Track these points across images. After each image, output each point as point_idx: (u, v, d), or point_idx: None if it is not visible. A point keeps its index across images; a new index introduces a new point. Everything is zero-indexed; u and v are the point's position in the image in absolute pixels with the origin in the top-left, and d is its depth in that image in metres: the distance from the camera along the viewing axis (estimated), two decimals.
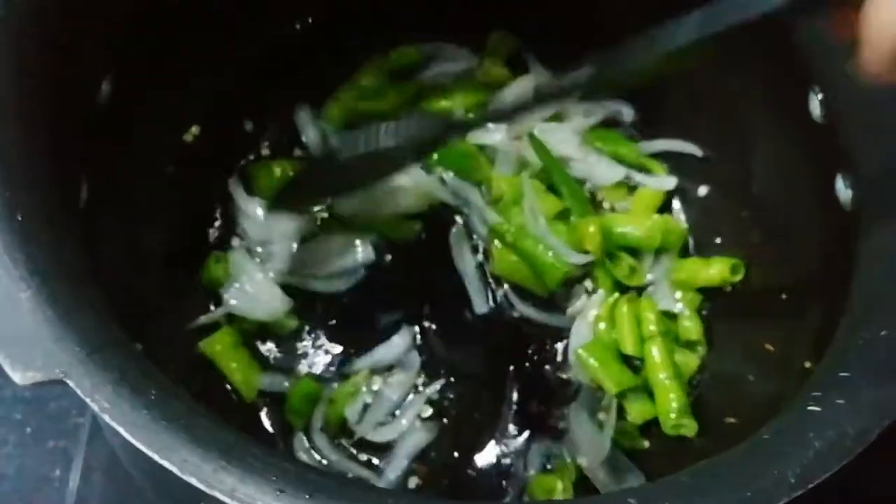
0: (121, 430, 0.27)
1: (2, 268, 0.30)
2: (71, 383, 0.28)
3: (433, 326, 0.61)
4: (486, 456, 0.57)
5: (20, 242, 0.30)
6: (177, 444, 0.27)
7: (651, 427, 0.58)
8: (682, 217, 0.66)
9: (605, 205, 0.67)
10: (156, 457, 0.27)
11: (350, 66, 0.68)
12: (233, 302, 0.59)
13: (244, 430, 0.55)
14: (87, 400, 0.28)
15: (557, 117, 0.68)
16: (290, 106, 0.67)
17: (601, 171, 0.66)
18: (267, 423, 0.58)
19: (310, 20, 0.64)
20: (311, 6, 0.63)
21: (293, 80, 0.66)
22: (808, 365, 0.49)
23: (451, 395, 0.60)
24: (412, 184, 0.65)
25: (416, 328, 0.61)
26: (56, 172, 0.38)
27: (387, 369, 0.60)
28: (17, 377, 0.28)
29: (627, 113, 0.69)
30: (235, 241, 0.63)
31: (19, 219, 0.31)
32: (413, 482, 0.56)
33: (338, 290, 0.61)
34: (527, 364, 0.61)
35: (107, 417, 0.27)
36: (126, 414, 0.27)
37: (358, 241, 0.62)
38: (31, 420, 0.66)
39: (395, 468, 0.56)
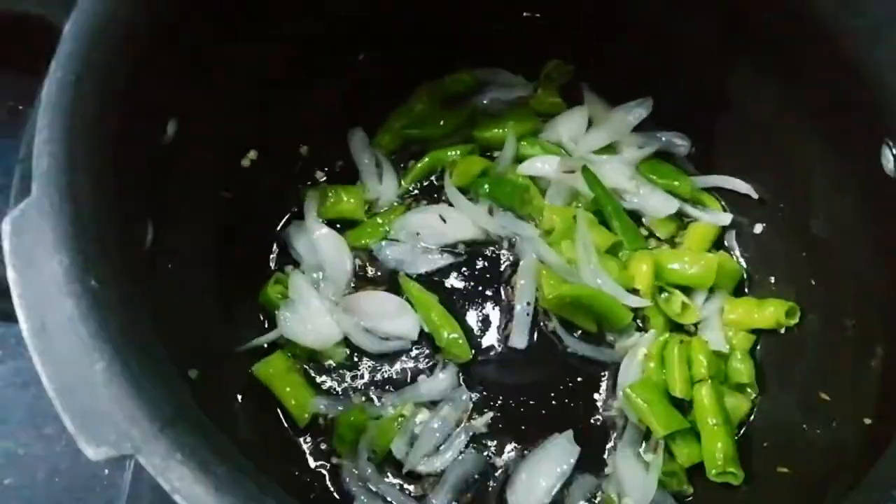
0: None
1: (77, 339, 0.30)
2: (142, 460, 0.29)
3: (479, 359, 0.61)
4: (530, 488, 0.57)
5: (94, 311, 0.31)
6: None
7: (698, 469, 0.58)
8: (737, 254, 0.65)
9: (656, 238, 0.66)
10: None
11: (405, 90, 0.68)
12: (287, 325, 0.60)
13: (292, 456, 0.58)
14: (158, 478, 0.28)
15: (611, 148, 0.67)
16: (345, 131, 0.68)
17: (654, 203, 0.65)
18: (314, 450, 0.59)
19: (378, 51, 0.64)
20: (370, 39, 0.63)
21: (349, 104, 0.66)
22: (868, 422, 0.48)
23: (498, 427, 0.60)
24: (460, 215, 0.65)
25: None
26: (124, 220, 0.39)
27: (433, 403, 0.60)
28: (90, 452, 0.29)
29: (682, 145, 0.67)
30: (289, 267, 0.64)
31: (94, 284, 0.32)
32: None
33: (381, 351, 0.62)
34: (573, 398, 0.61)
35: (177, 497, 0.28)
36: (196, 494, 0.28)
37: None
38: None
39: (441, 499, 0.57)
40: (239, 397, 0.58)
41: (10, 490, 0.66)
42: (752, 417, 0.59)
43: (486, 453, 0.59)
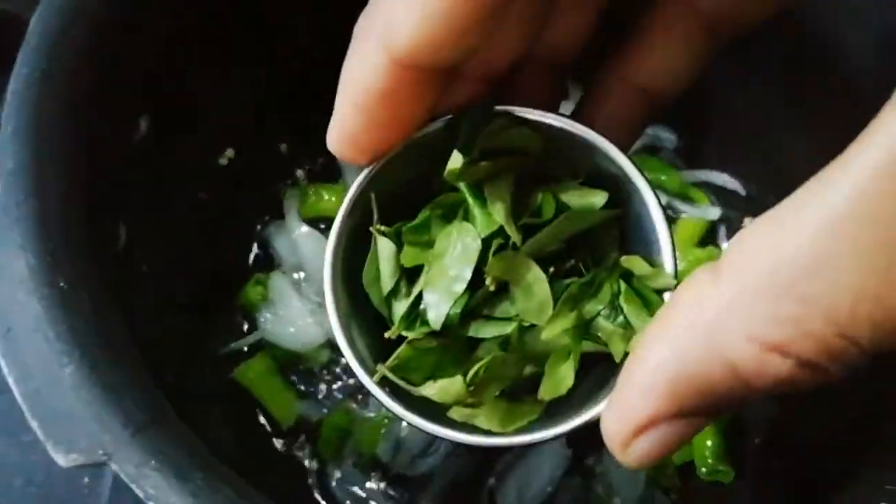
0: None
1: (45, 342, 0.29)
2: (115, 467, 0.27)
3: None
4: (522, 491, 0.57)
5: (63, 313, 0.30)
6: None
7: (689, 465, 0.57)
8: (726, 248, 0.64)
9: None
10: None
11: None
12: (268, 327, 0.58)
13: (276, 461, 0.57)
14: (133, 486, 0.27)
15: None
16: (325, 129, 0.66)
17: None
18: (298, 454, 0.58)
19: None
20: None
21: (329, 102, 0.65)
22: (857, 416, 0.48)
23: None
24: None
25: None
26: (95, 221, 0.37)
27: None
28: (60, 459, 0.27)
29: (669, 139, 0.67)
30: (270, 267, 0.63)
31: (62, 286, 0.31)
32: None
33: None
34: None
35: None
36: (172, 502, 0.27)
37: None
38: None
39: (429, 501, 0.56)
40: (218, 402, 0.56)
41: None
42: (741, 414, 0.59)
43: (473, 455, 0.58)
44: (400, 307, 0.30)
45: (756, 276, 0.22)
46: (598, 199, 0.31)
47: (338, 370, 0.60)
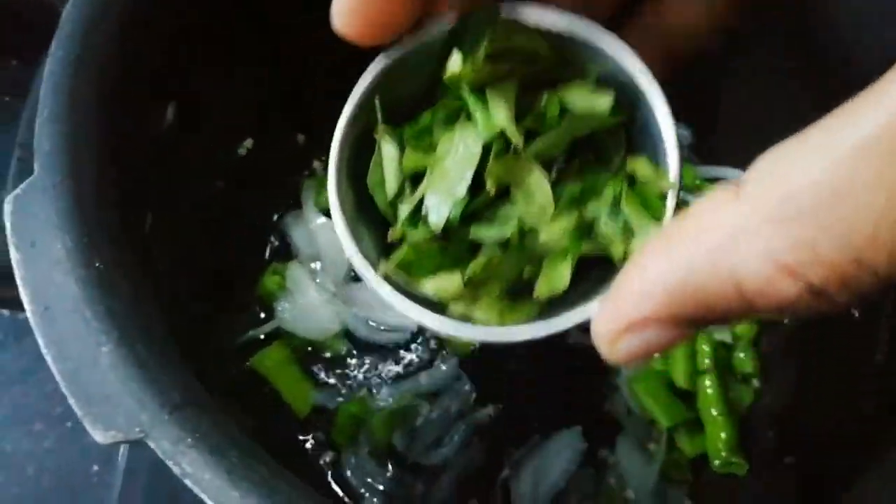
0: (202, 495, 0.27)
1: (83, 321, 0.30)
2: (151, 444, 0.28)
3: (481, 351, 0.61)
4: (537, 481, 0.57)
5: (99, 293, 0.30)
6: None
7: (702, 460, 0.57)
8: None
9: None
10: None
11: None
12: (285, 316, 0.59)
13: (291, 449, 0.57)
14: (169, 462, 0.27)
15: None
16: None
17: None
18: (314, 442, 0.58)
19: None
20: None
21: (346, 93, 0.65)
22: (871, 412, 0.48)
23: (500, 419, 0.59)
24: None
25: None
26: (125, 204, 0.38)
27: (433, 395, 0.59)
28: (99, 436, 0.28)
29: (683, 135, 0.67)
30: (287, 256, 0.63)
31: (98, 266, 0.31)
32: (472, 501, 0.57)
33: (381, 342, 0.60)
34: (575, 389, 0.60)
35: (188, 482, 0.27)
36: (207, 479, 0.27)
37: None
38: (71, 416, 0.67)
39: (443, 490, 0.56)
40: (234, 390, 0.57)
41: None
42: (755, 408, 0.59)
43: (489, 445, 0.58)
44: (404, 210, 0.30)
45: (778, 197, 0.22)
46: (604, 101, 0.30)
47: (353, 359, 0.60)
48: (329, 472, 0.57)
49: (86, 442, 0.67)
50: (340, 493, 0.56)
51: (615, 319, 0.25)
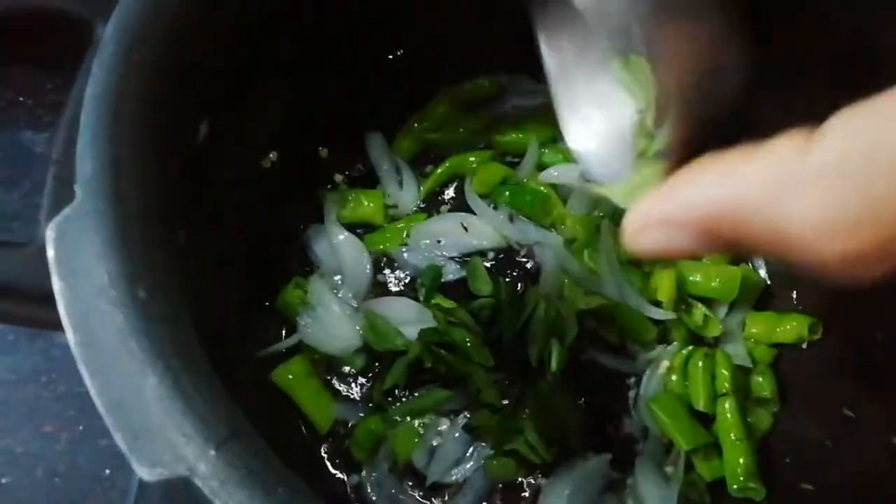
0: None
1: (127, 353, 0.29)
2: (198, 482, 0.28)
3: (500, 369, 0.61)
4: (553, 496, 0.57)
5: (143, 324, 0.30)
6: None
7: (719, 482, 0.57)
8: (758, 266, 0.65)
9: None
10: None
11: (424, 96, 0.68)
12: (308, 330, 0.59)
13: (312, 464, 0.57)
14: (216, 501, 0.27)
15: None
16: (363, 135, 0.67)
17: None
18: (333, 458, 0.58)
19: (399, 52, 0.63)
20: (402, 40, 0.62)
21: (368, 108, 0.65)
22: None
23: None
24: (481, 222, 0.64)
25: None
26: (165, 226, 0.38)
27: (453, 412, 0.59)
28: (145, 473, 0.28)
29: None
30: (309, 270, 0.63)
31: (141, 296, 0.31)
32: None
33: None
34: (594, 409, 0.60)
35: None
36: None
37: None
38: (83, 418, 0.67)
39: None
40: (255, 404, 0.56)
41: (9, 489, 0.65)
42: (773, 433, 0.59)
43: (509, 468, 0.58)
44: None
45: (850, 152, 0.22)
46: None
47: (373, 375, 0.60)
48: (349, 488, 0.57)
49: (98, 445, 0.67)
50: None
51: (654, 211, 0.27)
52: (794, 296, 0.62)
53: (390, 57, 0.65)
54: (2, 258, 0.35)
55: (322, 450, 0.58)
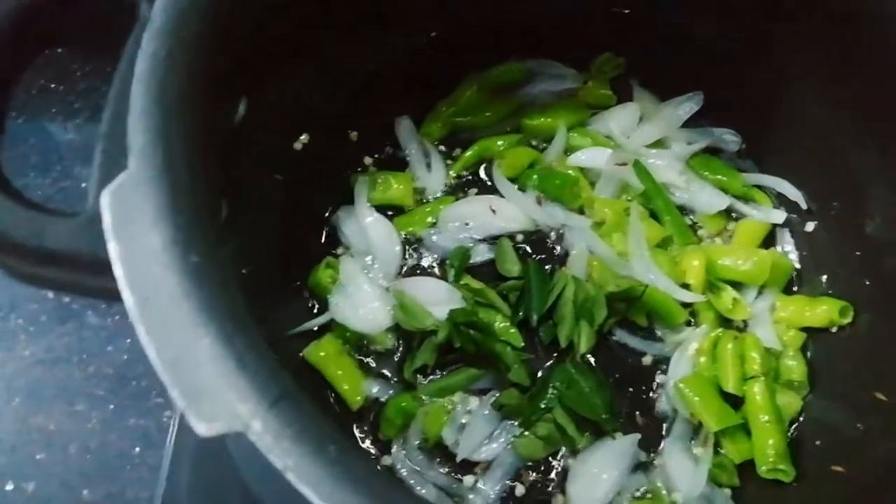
0: (304, 488, 0.28)
1: (182, 314, 0.30)
2: (252, 437, 0.28)
3: (529, 350, 0.61)
4: (592, 482, 0.57)
5: (196, 286, 0.31)
6: None
7: (747, 465, 0.58)
8: (787, 251, 0.65)
9: (703, 233, 0.66)
10: None
11: (453, 80, 0.68)
12: (339, 309, 0.59)
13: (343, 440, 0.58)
14: (270, 456, 0.28)
15: (660, 143, 0.67)
16: (392, 118, 0.67)
17: (704, 198, 0.65)
18: (364, 435, 0.59)
19: (430, 36, 0.64)
20: (431, 24, 0.63)
21: (397, 92, 0.66)
22: None
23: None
24: (509, 205, 0.64)
25: None
26: (208, 198, 0.38)
27: (482, 391, 0.60)
28: (203, 428, 0.28)
29: (732, 141, 0.67)
30: (339, 250, 0.64)
31: (193, 260, 0.32)
32: (520, 490, 0.57)
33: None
34: (622, 391, 0.61)
35: (290, 476, 0.28)
36: (309, 472, 0.28)
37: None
38: (114, 397, 0.69)
39: (490, 485, 0.57)
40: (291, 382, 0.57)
41: (43, 465, 0.67)
42: (802, 416, 0.59)
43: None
44: None
45: None
46: None
47: (403, 354, 0.61)
48: (379, 465, 0.58)
49: (128, 424, 0.68)
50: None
51: None
52: (824, 280, 0.62)
53: (420, 41, 0.65)
54: (54, 227, 0.35)
55: (352, 426, 0.59)
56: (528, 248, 0.65)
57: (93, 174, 0.39)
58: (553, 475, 0.58)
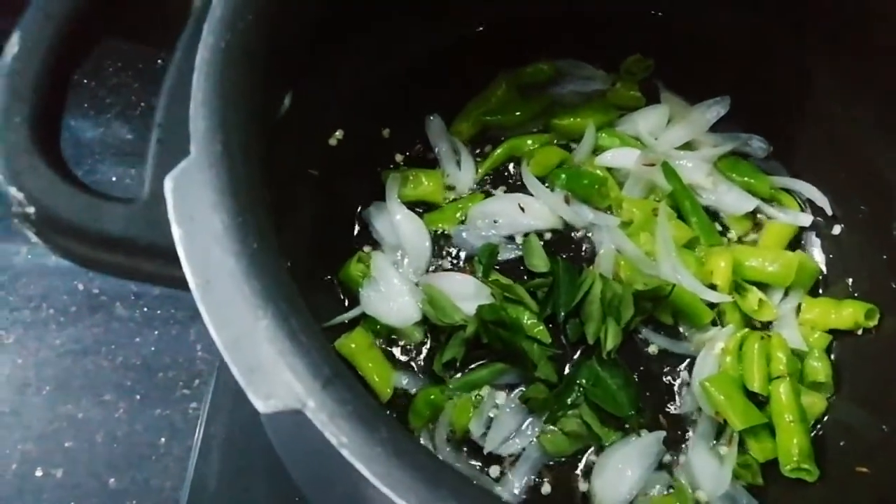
0: (359, 464, 0.28)
1: (241, 296, 0.31)
2: (308, 414, 0.29)
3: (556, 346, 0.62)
4: (618, 477, 0.57)
5: (255, 270, 0.32)
6: (413, 484, 0.28)
7: (771, 464, 0.58)
8: (814, 253, 0.66)
9: (731, 235, 0.67)
10: (391, 494, 0.28)
11: (483, 79, 0.69)
12: (370, 302, 0.60)
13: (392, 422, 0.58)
14: (325, 432, 0.29)
15: (688, 145, 0.68)
16: (423, 117, 0.68)
17: (731, 200, 0.66)
18: None
19: (461, 36, 0.65)
20: (462, 24, 0.64)
21: (429, 91, 0.67)
22: None
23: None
24: (538, 203, 0.65)
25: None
26: (260, 187, 0.39)
27: (509, 386, 0.61)
28: (260, 405, 0.29)
29: (759, 146, 0.68)
30: (366, 247, 0.65)
31: (255, 247, 0.33)
32: (546, 489, 0.58)
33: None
34: (647, 388, 0.62)
35: (345, 452, 0.29)
36: (363, 450, 0.29)
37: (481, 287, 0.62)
38: (140, 388, 0.70)
39: (519, 478, 0.58)
40: None
41: (71, 453, 0.68)
42: (826, 417, 0.60)
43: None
44: None
45: None
46: None
47: (431, 348, 0.62)
48: None
49: (154, 414, 0.69)
50: None
51: None
52: (850, 282, 0.63)
53: (451, 41, 0.66)
54: (112, 212, 0.36)
55: None
56: (556, 247, 0.66)
57: (148, 162, 0.40)
58: (578, 471, 0.58)
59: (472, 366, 0.61)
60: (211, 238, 0.32)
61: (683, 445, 0.60)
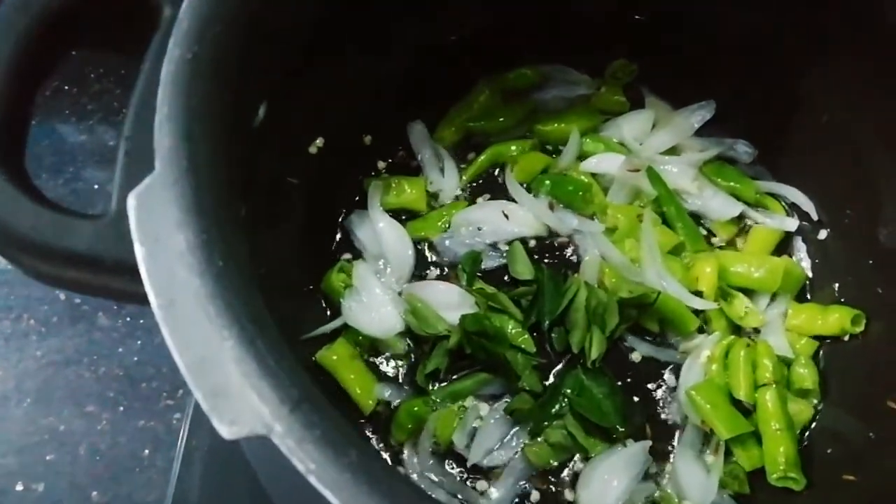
0: (326, 491, 0.28)
1: (206, 316, 0.30)
2: (275, 440, 0.29)
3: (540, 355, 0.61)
4: (604, 488, 0.57)
5: (220, 289, 0.31)
6: None
7: (758, 473, 0.58)
8: (800, 259, 0.65)
9: (716, 240, 0.66)
10: None
11: (466, 85, 0.68)
12: (351, 313, 0.60)
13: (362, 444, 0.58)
14: (292, 459, 0.28)
15: (673, 150, 0.67)
16: (405, 123, 0.68)
17: (717, 206, 0.65)
18: (375, 439, 0.59)
19: (443, 41, 0.64)
20: (445, 29, 0.63)
21: (410, 96, 0.66)
22: None
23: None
24: (522, 210, 0.65)
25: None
26: (229, 200, 0.39)
27: (493, 396, 0.60)
28: (224, 431, 0.29)
29: (744, 151, 0.68)
30: (348, 255, 0.64)
31: (218, 263, 0.32)
32: (535, 496, 0.57)
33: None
34: (632, 397, 0.61)
35: (312, 479, 0.28)
36: (331, 476, 0.28)
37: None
38: (123, 399, 0.69)
39: (502, 490, 0.57)
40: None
41: (53, 465, 0.67)
42: (813, 424, 0.59)
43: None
44: None
45: None
46: None
47: (414, 359, 0.61)
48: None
49: (138, 425, 0.68)
50: None
51: None
52: (837, 287, 0.62)
53: (433, 46, 0.65)
54: (77, 228, 0.36)
55: (363, 430, 0.59)
56: (540, 254, 0.65)
57: (116, 176, 0.39)
58: (565, 481, 0.58)
59: (456, 376, 0.60)
60: (175, 257, 0.31)
61: (670, 455, 0.59)
